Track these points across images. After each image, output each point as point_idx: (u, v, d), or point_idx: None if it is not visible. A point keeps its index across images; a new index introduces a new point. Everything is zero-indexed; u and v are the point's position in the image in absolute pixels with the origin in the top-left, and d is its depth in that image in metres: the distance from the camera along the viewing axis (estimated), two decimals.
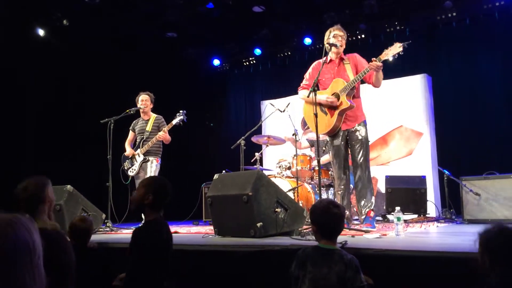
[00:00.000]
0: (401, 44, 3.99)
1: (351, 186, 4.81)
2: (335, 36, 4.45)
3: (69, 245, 2.11)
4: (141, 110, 6.02)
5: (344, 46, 4.51)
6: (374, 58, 4.11)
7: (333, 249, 2.30)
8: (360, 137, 4.37)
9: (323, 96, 4.39)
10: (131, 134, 6.13)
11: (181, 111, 5.87)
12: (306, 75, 4.75)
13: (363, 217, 4.31)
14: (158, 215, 2.75)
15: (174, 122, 5.82)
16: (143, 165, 5.85)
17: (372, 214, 4.26)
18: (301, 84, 4.76)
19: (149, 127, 5.94)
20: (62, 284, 1.71)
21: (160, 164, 5.93)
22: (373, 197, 4.36)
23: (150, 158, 5.84)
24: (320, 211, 2.36)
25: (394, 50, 4.00)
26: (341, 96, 4.29)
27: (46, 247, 1.37)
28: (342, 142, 4.46)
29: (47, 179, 2.61)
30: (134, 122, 6.17)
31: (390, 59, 4.09)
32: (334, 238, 2.36)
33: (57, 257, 1.65)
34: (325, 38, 4.52)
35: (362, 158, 4.32)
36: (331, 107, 4.40)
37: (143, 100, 6.00)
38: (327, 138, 4.71)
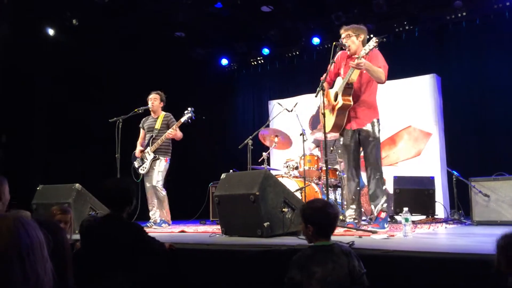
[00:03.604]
0: (377, 39, 3.99)
1: (361, 186, 4.77)
2: (343, 37, 4.45)
3: (64, 233, 2.14)
4: (150, 109, 6.07)
5: (355, 43, 4.39)
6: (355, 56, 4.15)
7: (330, 244, 2.35)
8: (370, 137, 4.28)
9: (330, 92, 4.44)
10: (142, 132, 6.17)
11: (189, 109, 5.89)
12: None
13: (373, 216, 4.28)
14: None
15: (182, 119, 5.84)
16: (153, 163, 5.87)
17: (383, 215, 4.19)
18: None
19: (158, 125, 5.97)
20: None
21: (169, 164, 5.94)
22: (385, 198, 4.27)
23: (160, 157, 5.86)
24: (318, 212, 2.40)
25: (370, 45, 4.01)
26: (339, 95, 4.30)
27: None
28: (352, 142, 4.37)
29: (4, 178, 2.63)
30: (143, 119, 6.20)
31: (362, 54, 4.05)
32: (330, 236, 2.41)
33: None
34: None
35: (373, 158, 4.25)
36: (333, 106, 4.41)
37: (151, 99, 6.04)
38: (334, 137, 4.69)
